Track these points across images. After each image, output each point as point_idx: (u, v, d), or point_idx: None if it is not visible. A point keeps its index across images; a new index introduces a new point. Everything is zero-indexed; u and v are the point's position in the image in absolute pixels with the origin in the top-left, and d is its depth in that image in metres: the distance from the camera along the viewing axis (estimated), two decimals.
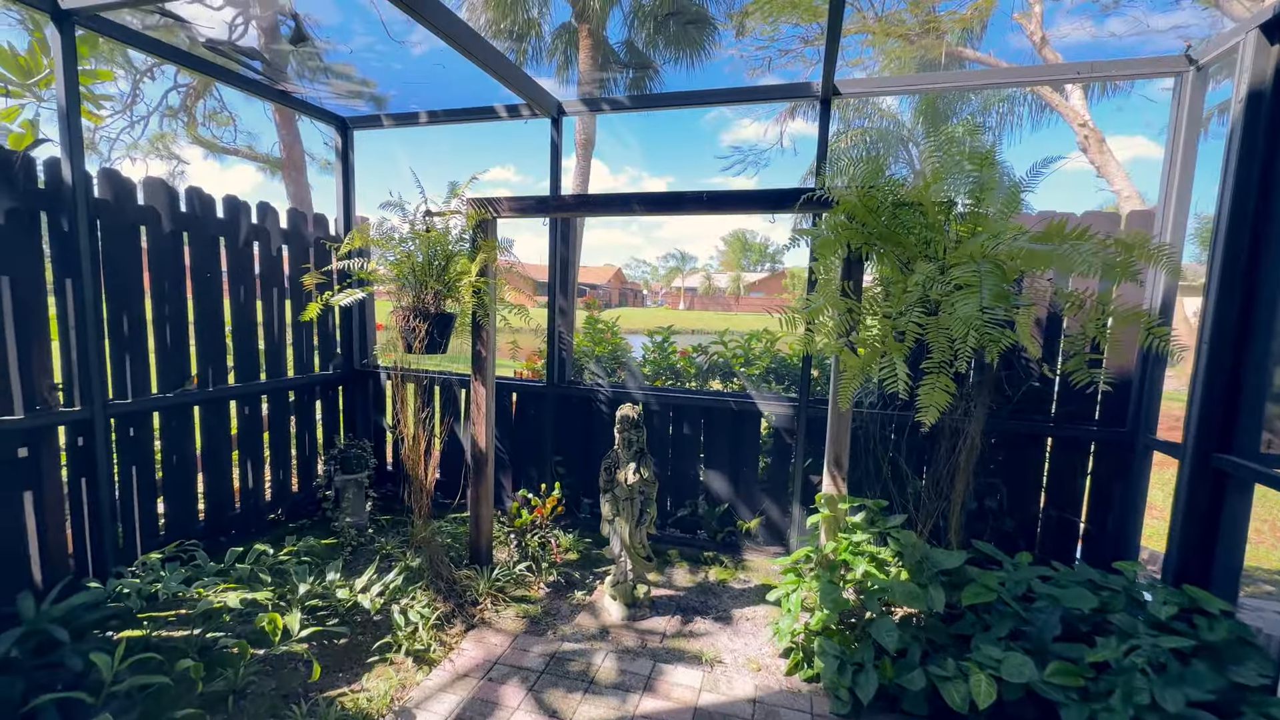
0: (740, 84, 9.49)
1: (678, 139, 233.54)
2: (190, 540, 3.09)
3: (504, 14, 9.37)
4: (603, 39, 9.87)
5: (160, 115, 13.96)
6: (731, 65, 11.97)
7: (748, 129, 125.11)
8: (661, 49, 10.25)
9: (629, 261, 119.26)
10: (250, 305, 3.69)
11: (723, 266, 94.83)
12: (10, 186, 2.52)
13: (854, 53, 9.39)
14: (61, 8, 2.55)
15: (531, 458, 4.11)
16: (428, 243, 3.13)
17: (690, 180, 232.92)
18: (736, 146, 14.88)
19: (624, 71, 10.21)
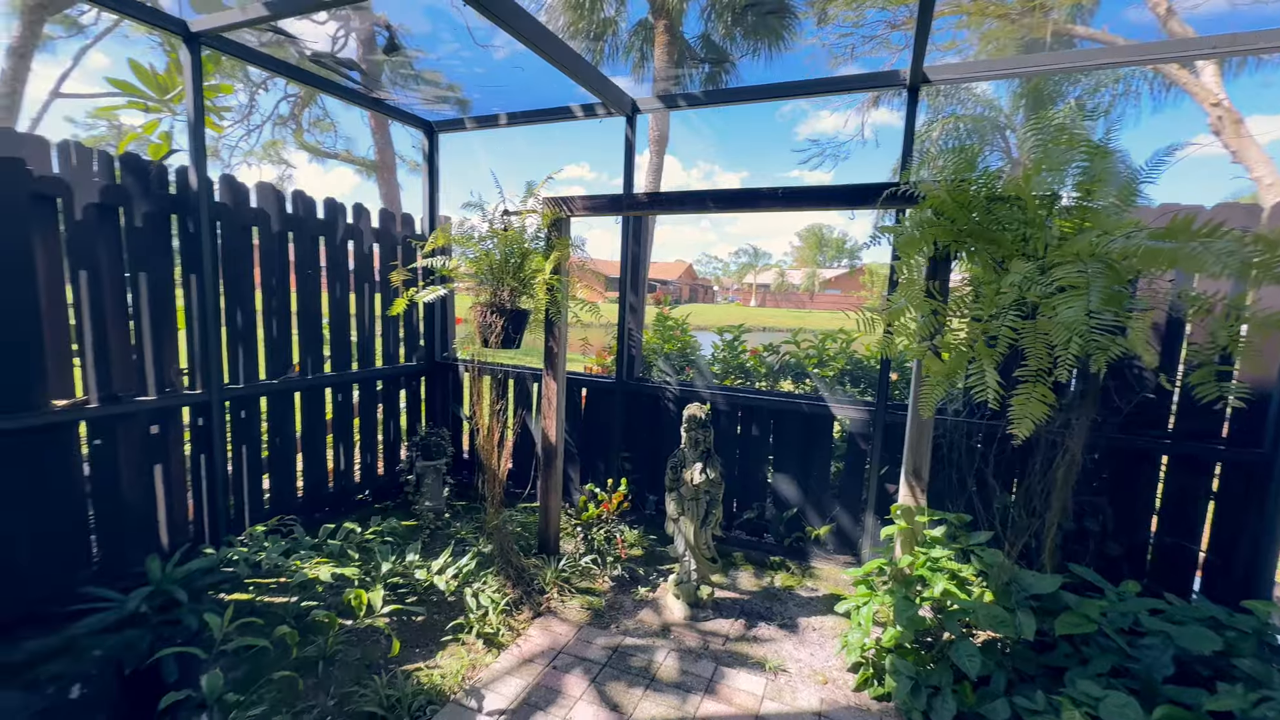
0: (820, 74, 9.17)
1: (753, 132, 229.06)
2: (289, 515, 3.37)
3: (581, 15, 9.52)
4: (679, 34, 9.81)
5: (272, 124, 15.28)
6: (812, 55, 11.55)
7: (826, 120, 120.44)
8: (739, 41, 10.05)
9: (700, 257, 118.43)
10: (345, 299, 3.96)
11: (797, 263, 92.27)
12: (147, 192, 2.83)
13: (945, 36, 8.82)
14: (191, 30, 2.83)
15: (599, 452, 4.17)
16: (505, 241, 3.24)
17: (766, 174, 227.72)
18: (814, 139, 14.29)
19: (700, 66, 10.10)
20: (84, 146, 2.64)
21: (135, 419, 2.84)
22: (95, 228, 2.66)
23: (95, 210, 2.65)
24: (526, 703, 2.35)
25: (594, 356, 5.83)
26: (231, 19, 2.72)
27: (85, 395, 2.69)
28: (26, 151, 2.43)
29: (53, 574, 2.59)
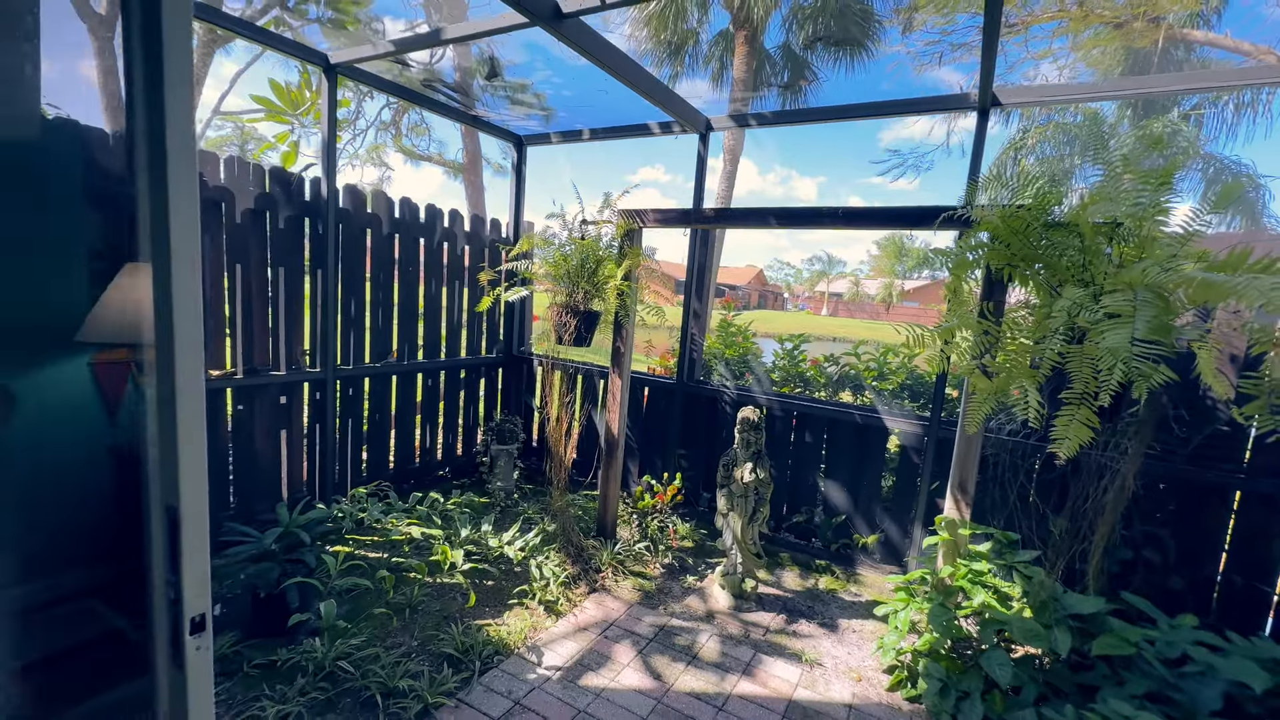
0: (904, 83, 8.98)
1: (832, 137, 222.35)
2: (385, 482, 3.84)
3: (663, 26, 9.81)
4: (759, 44, 9.91)
5: (375, 129, 16.60)
6: (897, 62, 11.29)
7: (912, 126, 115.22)
8: (819, 50, 10.03)
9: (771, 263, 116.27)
10: (438, 295, 4.43)
11: (874, 272, 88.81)
12: (289, 199, 3.35)
13: (1042, 44, 8.44)
14: (331, 62, 3.32)
15: (657, 448, 4.42)
16: (582, 248, 3.55)
17: (845, 180, 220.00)
18: (894, 149, 13.85)
19: (779, 75, 10.16)
20: (244, 160, 3.17)
21: (269, 390, 3.37)
22: (249, 228, 3.19)
23: (250, 214, 3.18)
24: (580, 663, 2.63)
25: (657, 358, 6.10)
26: (363, 53, 3.18)
27: (233, 368, 3.23)
28: (204, 165, 2.97)
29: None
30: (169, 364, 0.72)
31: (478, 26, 2.74)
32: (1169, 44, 8.78)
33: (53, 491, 0.77)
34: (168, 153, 0.71)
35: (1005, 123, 13.20)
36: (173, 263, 0.72)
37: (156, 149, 0.71)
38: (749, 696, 2.51)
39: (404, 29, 8.18)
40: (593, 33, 2.75)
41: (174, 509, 0.70)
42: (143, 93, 0.71)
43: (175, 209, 0.72)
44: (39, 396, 0.82)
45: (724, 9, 9.62)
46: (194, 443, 0.73)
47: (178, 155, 0.72)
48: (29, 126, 1.53)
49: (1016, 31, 8.91)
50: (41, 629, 0.75)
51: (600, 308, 3.77)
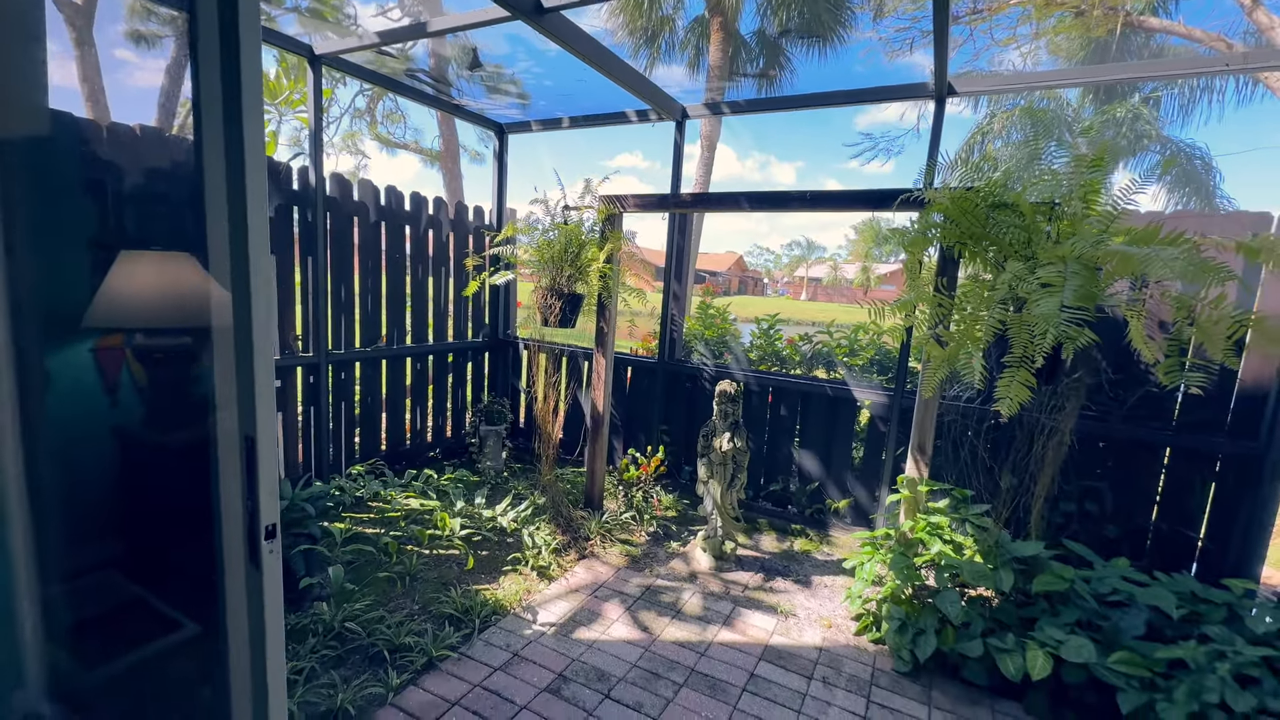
0: (877, 69, 9.18)
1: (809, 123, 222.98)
2: (379, 460, 3.98)
3: (639, 13, 9.87)
4: (734, 31, 10.03)
5: (350, 116, 16.37)
6: (868, 49, 11.50)
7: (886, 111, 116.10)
8: (792, 38, 10.19)
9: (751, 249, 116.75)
10: (425, 281, 4.54)
11: (852, 257, 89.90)
12: (278, 188, 3.44)
13: (1006, 31, 8.70)
14: (316, 54, 3.40)
15: (641, 425, 4.62)
16: (565, 233, 3.70)
17: (823, 165, 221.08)
18: (868, 133, 14.01)
19: (753, 63, 10.30)
20: None
21: None
22: None
23: None
24: (573, 620, 2.84)
25: (639, 341, 6.29)
26: (349, 44, 3.27)
27: None
28: (184, 155, 3.05)
29: None
30: (247, 335, 0.88)
31: (461, 19, 2.86)
32: (1128, 30, 9.11)
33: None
34: (246, 162, 0.85)
35: (974, 107, 13.54)
36: (250, 254, 0.87)
37: (234, 158, 0.85)
38: (729, 643, 2.74)
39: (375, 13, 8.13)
40: (572, 26, 2.88)
41: (251, 439, 0.87)
42: (221, 107, 0.85)
43: (252, 209, 0.87)
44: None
45: None
46: (266, 389, 0.89)
47: (254, 164, 0.86)
48: (41, 123, 1.63)
49: (983, 19, 9.18)
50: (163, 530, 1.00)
51: (583, 290, 3.92)
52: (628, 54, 10.16)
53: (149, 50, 5.68)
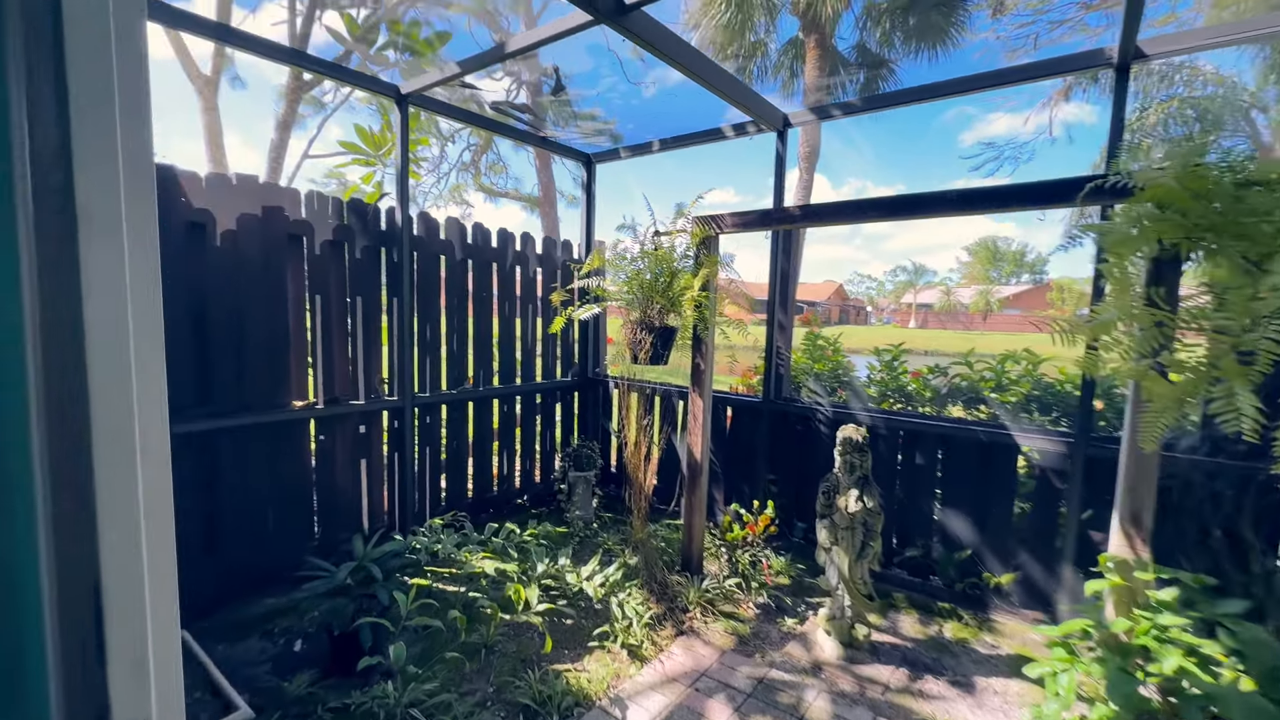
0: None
1: (909, 144, 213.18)
2: (461, 512, 3.74)
3: (731, 38, 9.65)
4: (830, 47, 9.52)
5: (456, 170, 17.55)
6: (983, 51, 10.49)
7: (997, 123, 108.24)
8: (898, 46, 9.47)
9: (851, 277, 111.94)
10: (511, 319, 4.36)
11: (965, 280, 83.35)
12: (365, 230, 3.38)
13: (1159, 9, 7.47)
14: (401, 93, 3.36)
15: (743, 472, 4.07)
16: (655, 261, 3.34)
17: (924, 187, 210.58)
18: (988, 142, 12.50)
19: (855, 75, 9.68)
20: (323, 195, 3.24)
21: (349, 419, 3.37)
22: (328, 260, 3.23)
23: (329, 245, 3.23)
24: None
25: (739, 376, 5.75)
26: (430, 79, 3.18)
27: (314, 398, 3.25)
28: (285, 201, 3.05)
29: (287, 544, 3.14)
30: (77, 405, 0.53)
31: (540, 34, 2.64)
32: None
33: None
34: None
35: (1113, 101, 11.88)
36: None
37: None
38: None
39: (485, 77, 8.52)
40: (659, 27, 2.57)
41: (98, 586, 0.51)
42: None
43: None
44: None
45: (792, 14, 9.34)
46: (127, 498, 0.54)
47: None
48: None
49: None
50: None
51: (676, 323, 3.53)
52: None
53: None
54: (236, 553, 2.95)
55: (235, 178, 2.91)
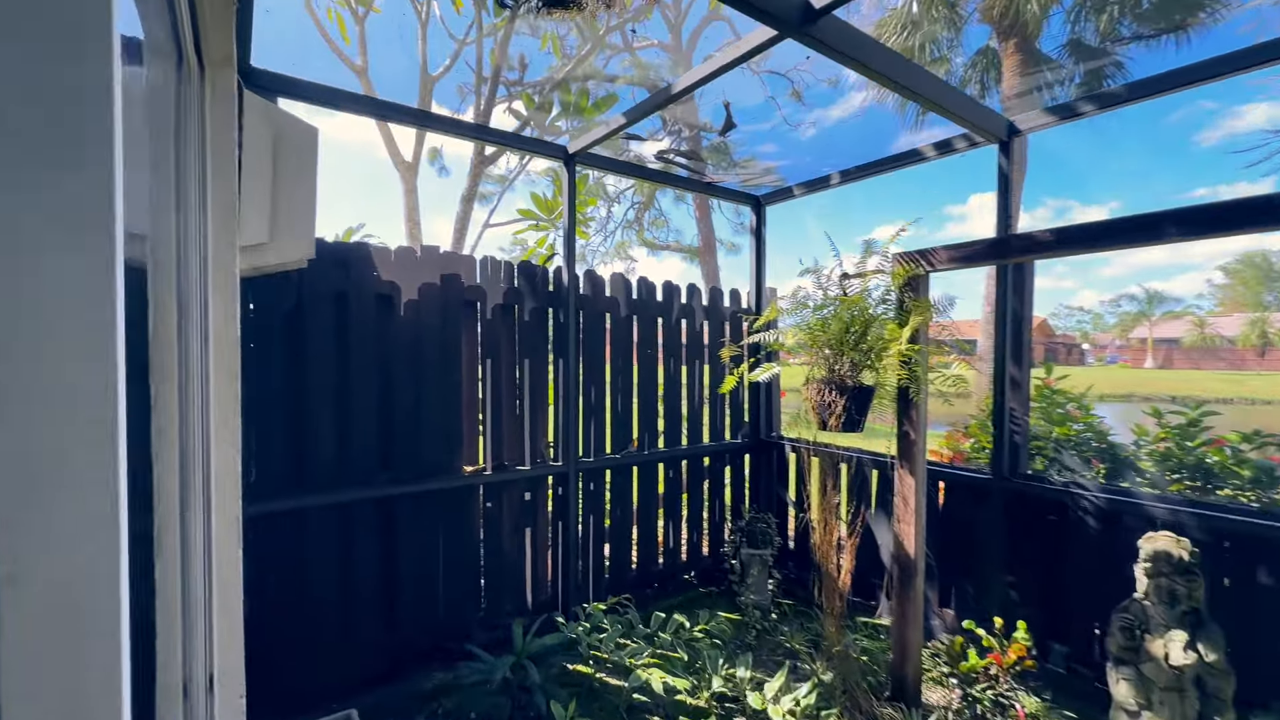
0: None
1: (1123, 152, 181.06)
2: (625, 593, 3.42)
3: (911, 58, 8.84)
4: (1034, 50, 8.23)
5: (621, 228, 18.48)
6: (1251, 24, 8.35)
7: (1252, 113, 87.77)
8: (1124, 36, 7.87)
9: (1055, 310, 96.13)
10: (677, 375, 4.06)
11: (1225, 306, 66.97)
12: (534, 292, 3.35)
13: None
14: (569, 153, 3.33)
15: (964, 568, 3.20)
16: (846, 307, 2.81)
17: (1157, 199, 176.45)
18: (1276, 130, 8.27)
19: (1066, 80, 8.23)
20: (495, 260, 3.27)
21: (515, 486, 3.27)
22: (499, 323, 3.23)
23: (500, 309, 3.23)
24: None
25: (943, 436, 4.78)
26: (595, 135, 3.10)
27: (483, 463, 3.20)
28: (461, 268, 3.11)
29: (456, 614, 3.06)
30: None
31: (709, 67, 2.37)
32: None
33: None
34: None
35: None
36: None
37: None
38: None
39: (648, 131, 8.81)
40: (853, 31, 2.14)
41: None
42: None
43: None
44: None
45: (982, 23, 8.28)
46: None
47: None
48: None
49: None
50: None
51: (872, 381, 2.92)
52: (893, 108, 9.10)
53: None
54: (409, 623, 2.92)
55: (419, 249, 3.03)
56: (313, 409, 2.66)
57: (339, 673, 2.70)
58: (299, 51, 7.07)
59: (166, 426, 1.45)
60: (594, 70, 7.01)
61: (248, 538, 2.50)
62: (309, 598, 2.63)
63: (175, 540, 1.49)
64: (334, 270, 2.72)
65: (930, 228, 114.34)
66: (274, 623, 2.51)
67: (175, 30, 1.36)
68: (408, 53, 6.87)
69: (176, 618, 1.49)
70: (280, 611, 2.54)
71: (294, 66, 2.53)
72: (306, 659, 2.61)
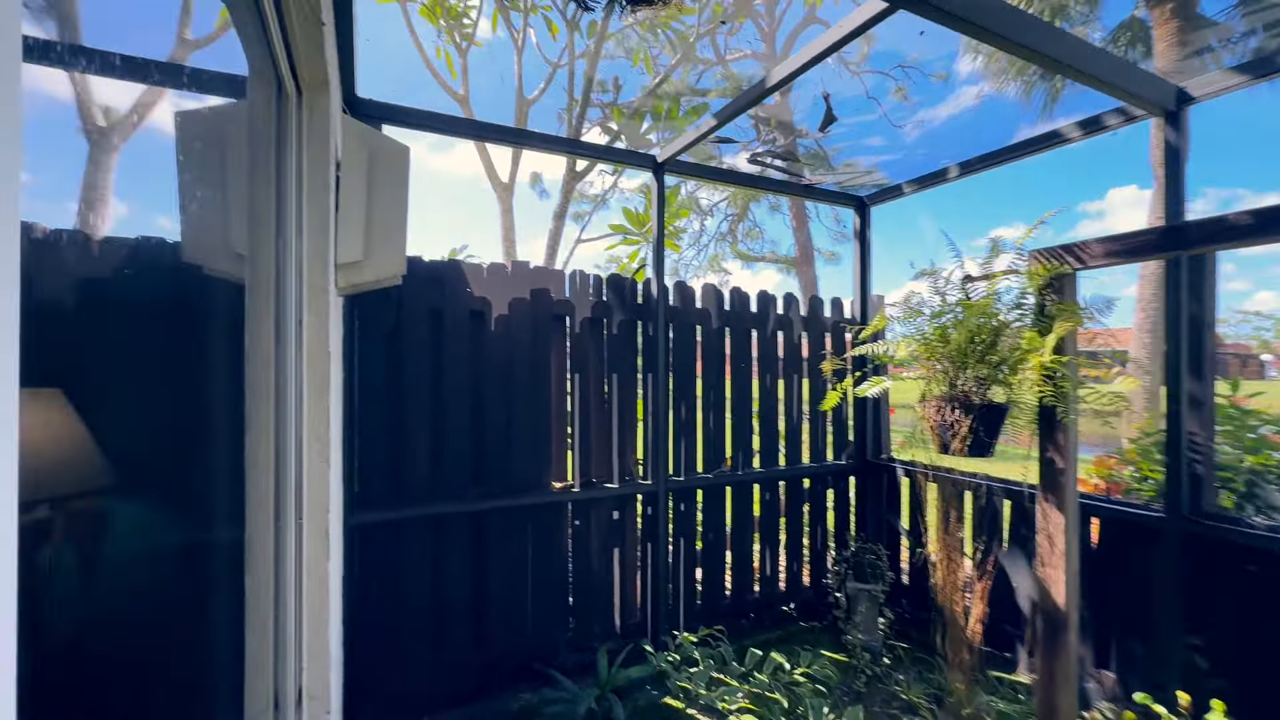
0: None
1: None
2: (717, 623, 3.20)
3: None
4: (1193, 14, 7.11)
5: (714, 241, 18.27)
6: None
7: None
8: None
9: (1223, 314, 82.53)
10: (773, 391, 3.81)
11: None
12: (622, 304, 3.27)
13: None
14: (657, 162, 3.24)
15: (1129, 624, 2.66)
16: (972, 313, 2.46)
17: None
18: None
19: (1240, 40, 7.02)
20: (584, 273, 3.23)
21: (603, 504, 3.18)
22: (587, 337, 3.18)
23: (588, 323, 3.18)
24: None
25: (1092, 462, 4.10)
26: (685, 140, 2.97)
27: (571, 480, 3.14)
28: (550, 283, 3.10)
29: (543, 633, 3.00)
30: None
31: (806, 55, 2.17)
32: None
33: None
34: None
35: None
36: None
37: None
38: None
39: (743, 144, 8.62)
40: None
41: None
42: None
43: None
44: None
45: None
46: None
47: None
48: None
49: None
50: None
51: (1004, 398, 2.53)
52: (1015, 97, 8.24)
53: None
54: (498, 640, 2.89)
55: (510, 265, 3.06)
56: (410, 424, 2.73)
57: (429, 685, 2.72)
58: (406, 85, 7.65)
59: (261, 440, 1.49)
60: (685, 87, 6.95)
61: (352, 546, 2.60)
62: (405, 607, 2.68)
63: (268, 553, 1.52)
64: (430, 288, 2.79)
65: (1059, 229, 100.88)
66: (374, 629, 2.58)
67: (272, 57, 1.40)
68: (504, 78, 7.23)
69: (268, 630, 1.51)
70: (380, 618, 2.61)
71: (403, 98, 2.66)
72: (401, 668, 2.65)
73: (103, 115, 1.73)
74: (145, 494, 1.82)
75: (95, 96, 2.67)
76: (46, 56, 1.69)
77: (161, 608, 1.72)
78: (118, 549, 1.76)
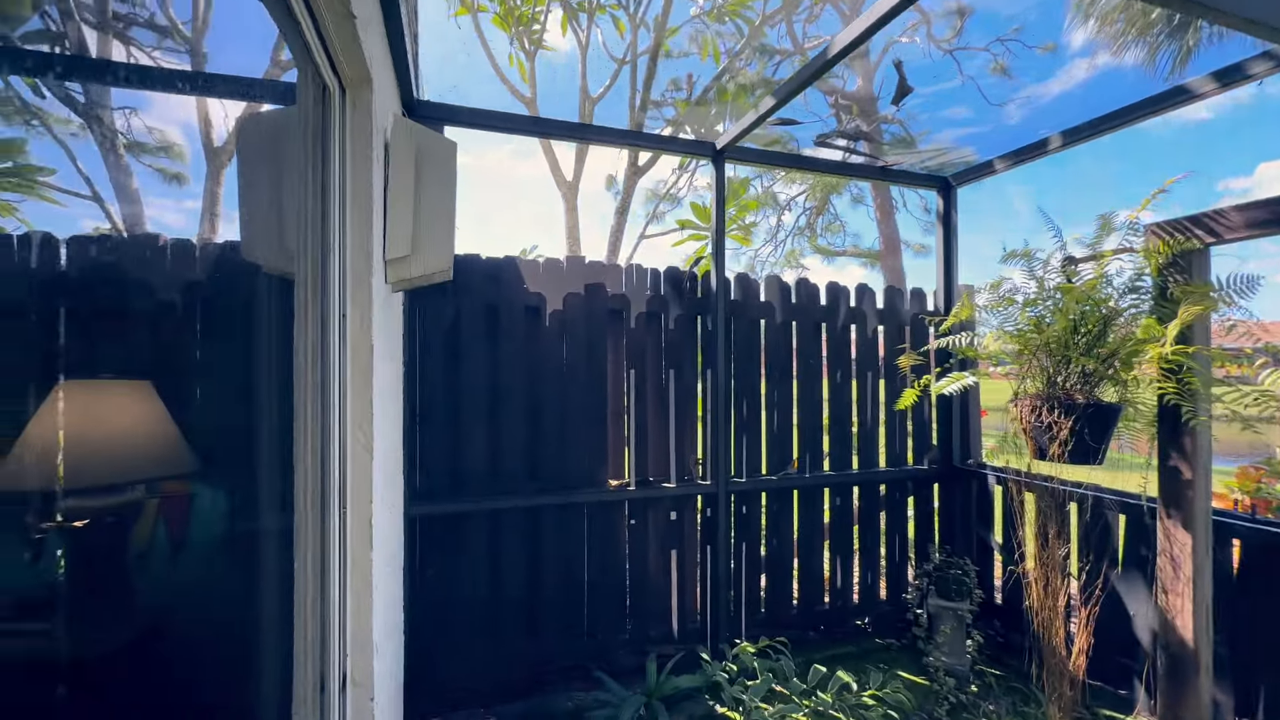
0: None
1: None
2: (780, 635, 3.03)
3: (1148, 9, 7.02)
4: None
5: (792, 236, 17.65)
6: None
7: None
8: None
9: None
10: (845, 389, 3.56)
11: None
12: (680, 298, 3.17)
13: None
14: (717, 149, 3.11)
15: (1277, 665, 2.22)
16: (1073, 301, 2.15)
17: None
18: None
19: None
20: (641, 267, 3.16)
21: (661, 504, 3.09)
22: (644, 332, 3.10)
23: (644, 317, 3.10)
24: None
25: (1234, 475, 3.52)
26: (746, 123, 2.82)
27: (628, 478, 3.08)
28: (606, 277, 3.05)
29: (598, 632, 2.96)
30: None
31: (877, 12, 1.96)
32: None
33: None
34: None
35: None
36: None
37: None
38: None
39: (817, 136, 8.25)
40: None
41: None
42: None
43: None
44: None
45: None
46: None
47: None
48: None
49: None
50: None
51: (1114, 397, 2.20)
52: (1138, 61, 7.29)
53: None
54: (552, 637, 2.88)
55: (565, 260, 3.04)
56: (466, 418, 2.77)
57: (483, 677, 2.75)
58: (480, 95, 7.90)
59: (307, 431, 1.52)
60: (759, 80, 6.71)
61: (413, 536, 2.68)
62: (461, 599, 2.73)
63: (314, 540, 1.56)
64: (487, 285, 2.83)
65: (1193, 208, 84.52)
66: (432, 617, 2.64)
67: (310, 54, 1.43)
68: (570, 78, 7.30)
69: (314, 616, 1.55)
70: (438, 608, 2.67)
71: (472, 101, 2.70)
72: (457, 657, 2.70)
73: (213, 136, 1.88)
74: (217, 480, 1.94)
75: (213, 121, 2.89)
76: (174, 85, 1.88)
77: (227, 586, 1.82)
78: (201, 531, 1.88)
